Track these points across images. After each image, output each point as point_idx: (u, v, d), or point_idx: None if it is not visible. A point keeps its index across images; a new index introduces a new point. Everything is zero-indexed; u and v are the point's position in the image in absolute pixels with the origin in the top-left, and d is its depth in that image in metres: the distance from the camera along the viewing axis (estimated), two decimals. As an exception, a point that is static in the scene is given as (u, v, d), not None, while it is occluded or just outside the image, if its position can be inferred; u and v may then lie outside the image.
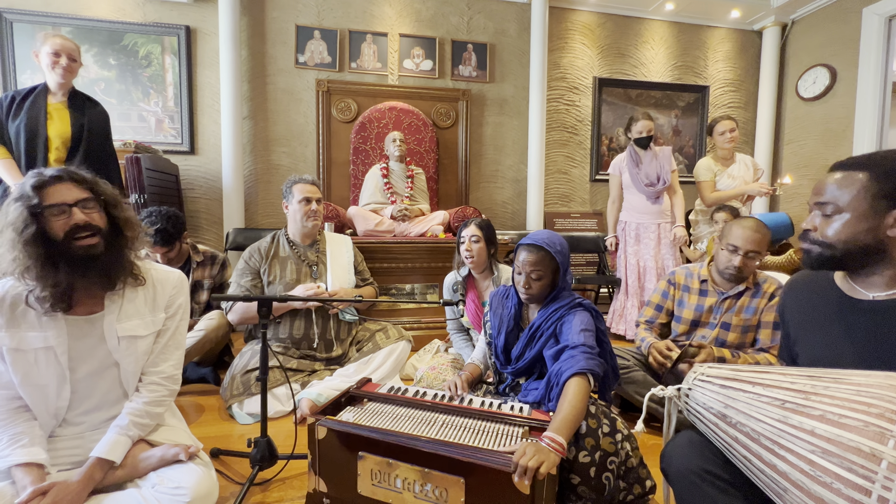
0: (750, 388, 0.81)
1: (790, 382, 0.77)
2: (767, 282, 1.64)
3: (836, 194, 0.83)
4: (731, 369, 0.88)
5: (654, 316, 1.82)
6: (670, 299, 1.80)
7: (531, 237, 1.32)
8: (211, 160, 3.36)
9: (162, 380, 1.16)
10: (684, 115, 4.16)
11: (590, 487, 1.04)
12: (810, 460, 0.66)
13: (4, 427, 0.99)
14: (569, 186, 4.03)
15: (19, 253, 0.95)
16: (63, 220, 0.98)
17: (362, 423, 1.10)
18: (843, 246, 0.83)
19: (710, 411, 0.86)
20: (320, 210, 1.98)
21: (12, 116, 2.02)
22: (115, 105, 3.19)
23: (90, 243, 1.00)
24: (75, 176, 1.02)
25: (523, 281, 1.30)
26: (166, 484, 1.00)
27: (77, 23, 3.07)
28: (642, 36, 4.01)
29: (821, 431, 0.67)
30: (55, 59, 2.02)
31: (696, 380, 0.92)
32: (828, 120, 3.82)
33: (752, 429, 0.76)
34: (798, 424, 0.70)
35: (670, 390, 0.96)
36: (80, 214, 0.99)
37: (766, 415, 0.75)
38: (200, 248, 2.22)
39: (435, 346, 2.30)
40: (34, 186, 0.97)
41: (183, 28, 3.21)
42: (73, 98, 2.12)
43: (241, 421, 1.71)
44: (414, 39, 3.59)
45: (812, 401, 0.71)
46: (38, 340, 1.02)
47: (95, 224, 1.01)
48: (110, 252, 1.04)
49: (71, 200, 0.99)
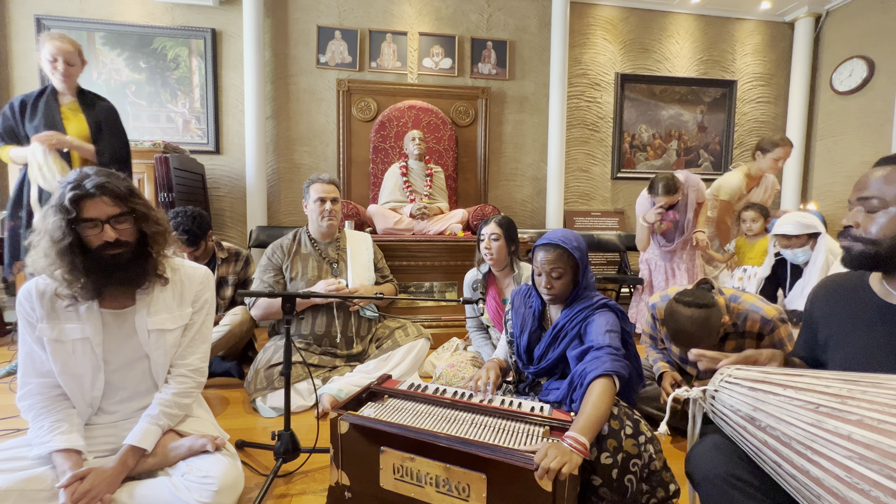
0: (781, 391, 0.78)
1: (825, 386, 0.74)
2: (749, 319, 1.44)
3: (883, 189, 0.80)
4: (760, 371, 0.86)
5: (653, 343, 1.74)
6: (658, 332, 1.69)
7: (546, 237, 1.30)
8: (235, 159, 3.44)
9: (189, 372, 1.20)
10: (710, 111, 4.04)
11: (612, 489, 1.03)
12: (846, 466, 0.64)
13: (46, 414, 1.04)
14: (589, 184, 3.97)
15: (54, 258, 1.00)
16: (96, 234, 1.03)
17: (383, 418, 1.11)
18: (889, 242, 0.80)
19: (737, 414, 0.84)
20: (336, 209, 1.99)
21: (28, 117, 2.03)
22: (145, 107, 3.30)
23: (117, 252, 1.05)
24: (114, 191, 1.04)
25: (545, 281, 1.28)
26: (195, 473, 1.04)
27: (110, 28, 3.19)
28: (667, 30, 3.91)
29: (858, 437, 0.64)
30: (53, 64, 2.01)
31: (723, 381, 0.89)
32: (865, 114, 3.65)
33: (784, 432, 0.74)
34: (833, 429, 0.67)
35: (695, 392, 0.94)
36: (111, 232, 1.03)
37: (799, 419, 0.72)
38: (225, 245, 2.27)
39: (454, 345, 2.30)
40: (72, 200, 1.00)
41: (209, 31, 3.30)
42: (83, 97, 2.13)
43: (265, 414, 1.75)
44: (433, 38, 3.60)
45: (849, 405, 0.68)
46: (75, 332, 1.07)
47: (124, 239, 1.06)
48: (135, 261, 1.08)
49: (104, 217, 1.03)
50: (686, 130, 4.03)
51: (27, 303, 1.06)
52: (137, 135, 3.25)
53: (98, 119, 2.12)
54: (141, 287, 1.12)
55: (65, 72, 2.03)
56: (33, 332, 1.06)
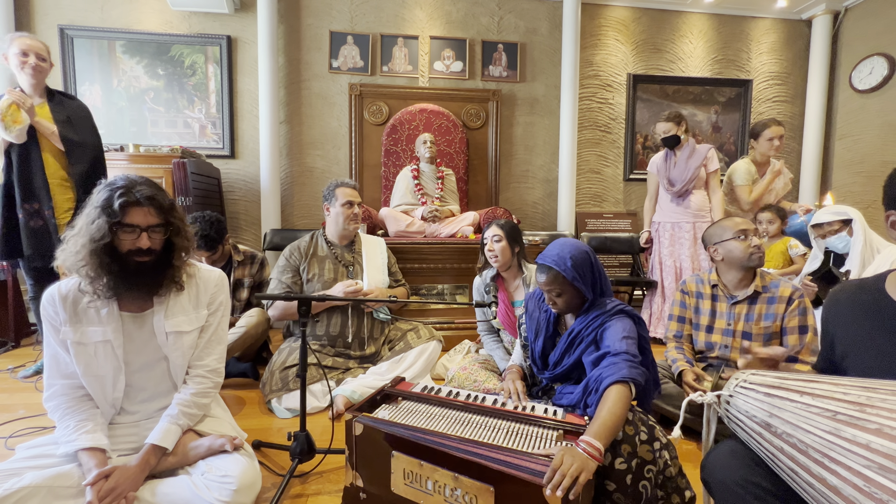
0: (798, 397, 0.77)
1: (843, 393, 0.73)
2: (781, 286, 1.58)
3: None
4: (776, 377, 0.85)
5: (680, 329, 1.77)
6: (688, 308, 1.76)
7: (543, 255, 1.29)
8: (250, 164, 3.50)
9: (207, 372, 1.23)
10: (725, 111, 3.98)
11: (626, 495, 1.02)
12: (865, 476, 0.63)
13: (71, 414, 1.08)
14: (601, 186, 3.94)
15: (85, 255, 1.04)
16: (131, 240, 1.07)
17: (398, 421, 1.12)
18: None
19: (752, 420, 0.83)
20: (360, 213, 2.04)
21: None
22: (163, 113, 3.38)
23: (143, 259, 1.09)
24: (160, 204, 1.09)
25: (547, 299, 1.30)
26: (214, 472, 1.06)
27: (130, 36, 3.28)
28: (679, 30, 3.88)
29: (877, 446, 0.63)
30: (24, 58, 1.99)
31: (738, 387, 0.88)
32: (886, 113, 3.57)
33: (800, 440, 0.73)
34: (852, 438, 0.66)
35: (710, 396, 0.93)
36: (146, 240, 1.07)
37: (816, 426, 0.71)
38: (241, 249, 2.32)
39: (465, 347, 2.31)
40: (122, 206, 1.04)
41: (224, 38, 3.36)
42: (51, 96, 2.11)
43: (280, 415, 1.78)
44: (444, 41, 3.62)
45: (868, 413, 0.67)
46: (97, 335, 1.10)
47: (154, 248, 1.10)
48: (157, 268, 1.12)
49: (144, 225, 1.07)
50: (700, 131, 3.98)
51: (51, 307, 1.09)
52: (156, 140, 3.33)
53: (65, 116, 2.08)
54: (158, 293, 1.15)
55: (35, 66, 2.01)
56: (57, 335, 1.09)
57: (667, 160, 2.86)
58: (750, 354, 1.05)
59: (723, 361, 1.66)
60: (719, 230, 1.66)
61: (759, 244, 1.58)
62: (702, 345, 1.71)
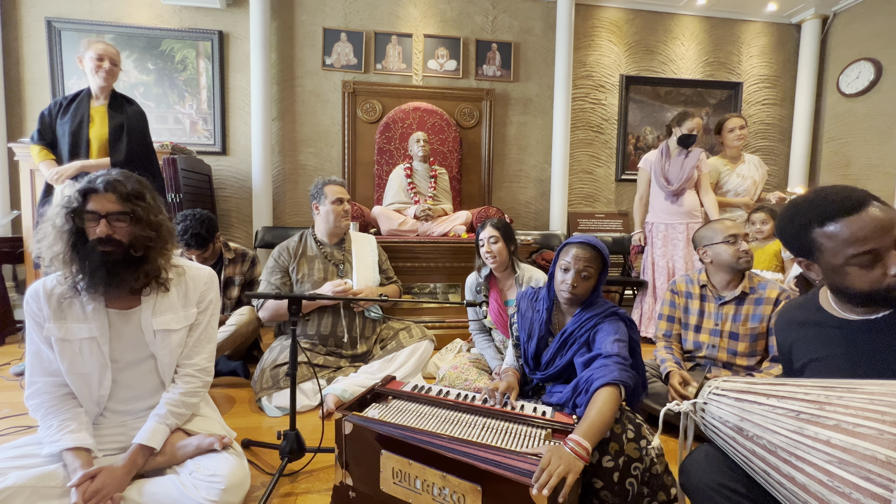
0: (764, 399, 0.79)
1: (804, 393, 0.75)
2: (768, 287, 1.61)
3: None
4: (745, 382, 0.87)
5: (669, 328, 1.80)
6: (678, 308, 1.79)
7: (580, 237, 1.32)
8: (241, 160, 3.47)
9: (196, 371, 1.22)
10: (715, 113, 4.03)
11: (613, 493, 1.04)
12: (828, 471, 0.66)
13: (54, 413, 1.06)
14: (593, 186, 3.97)
15: (51, 242, 1.04)
16: (92, 227, 1.05)
17: (387, 420, 1.12)
18: None
19: (726, 425, 0.85)
20: (350, 210, 2.03)
21: (59, 120, 2.15)
22: (153, 108, 3.33)
23: (107, 250, 1.05)
24: (121, 189, 1.06)
25: (572, 278, 1.27)
26: (202, 471, 1.06)
27: (119, 30, 3.23)
28: (672, 32, 3.91)
29: (836, 441, 0.66)
30: (98, 63, 2.13)
31: (710, 394, 0.90)
32: (872, 117, 3.63)
33: (769, 441, 0.75)
34: (814, 435, 0.69)
35: (685, 405, 0.94)
36: (104, 227, 1.04)
37: (782, 426, 0.74)
38: (232, 246, 2.30)
39: (457, 346, 2.31)
40: (81, 192, 1.05)
41: (216, 33, 3.33)
42: (113, 100, 2.23)
43: (270, 413, 1.77)
44: (438, 40, 3.61)
45: (826, 411, 0.70)
46: (82, 331, 1.08)
47: (116, 238, 1.06)
48: (125, 263, 1.07)
49: (103, 212, 1.04)
50: (691, 132, 4.02)
51: (34, 303, 1.07)
52: (145, 136, 3.29)
53: (120, 122, 2.20)
54: (131, 291, 1.12)
55: (109, 70, 2.16)
56: (41, 331, 1.07)
57: (662, 158, 2.87)
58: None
59: (710, 361, 1.69)
60: (710, 233, 1.68)
61: (747, 249, 1.60)
62: (690, 344, 1.74)
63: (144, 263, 1.10)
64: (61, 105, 2.17)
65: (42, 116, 2.16)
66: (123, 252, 1.06)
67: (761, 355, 1.63)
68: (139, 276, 1.10)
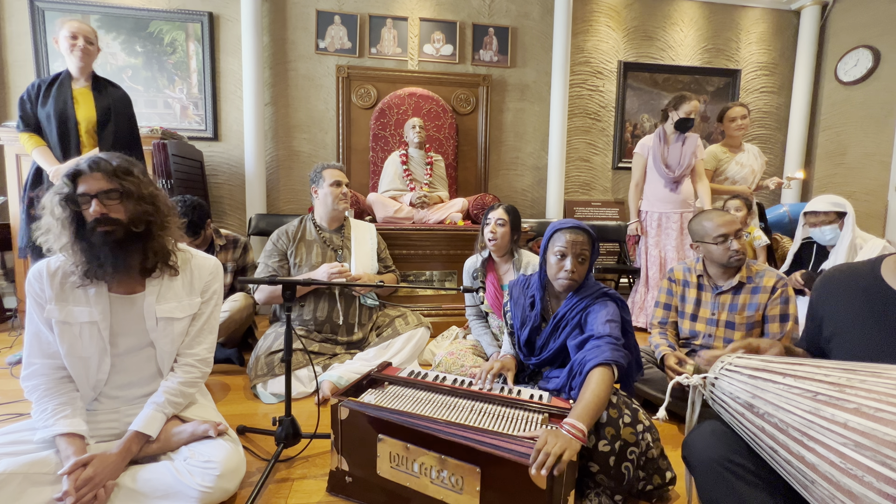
0: (781, 378, 0.79)
1: (824, 375, 0.75)
2: (766, 276, 1.61)
3: None
4: (761, 360, 0.87)
5: (665, 316, 1.80)
6: (674, 296, 1.79)
7: (569, 221, 1.32)
8: (234, 146, 3.41)
9: (196, 362, 1.21)
10: (714, 101, 4.00)
11: (609, 476, 1.04)
12: (841, 453, 0.65)
13: (50, 396, 1.05)
14: (590, 174, 3.95)
15: (53, 229, 1.04)
16: (87, 209, 1.04)
17: (384, 405, 1.12)
18: None
19: (736, 401, 0.85)
20: (349, 193, 2.02)
21: (41, 103, 2.07)
22: (142, 92, 3.25)
23: (107, 230, 1.04)
24: (106, 167, 1.05)
25: (570, 264, 1.26)
26: (197, 458, 1.05)
27: (105, 10, 3.13)
28: (671, 18, 3.86)
29: (854, 424, 0.65)
30: (73, 41, 2.05)
31: (723, 369, 0.90)
32: (869, 105, 3.63)
33: (781, 419, 0.75)
34: (830, 417, 0.68)
35: (695, 379, 0.95)
36: (98, 207, 1.03)
37: (797, 406, 0.73)
38: (223, 233, 2.27)
39: (453, 333, 2.31)
40: (69, 176, 1.04)
41: (206, 14, 3.24)
42: (96, 83, 2.16)
43: (266, 400, 1.76)
44: (434, 24, 3.54)
45: (847, 394, 0.69)
46: (83, 315, 1.07)
47: (113, 217, 1.04)
48: (128, 242, 1.06)
49: (93, 192, 1.03)
50: (688, 120, 3.99)
51: (37, 283, 1.06)
52: (135, 121, 3.22)
53: (107, 104, 2.14)
54: (137, 272, 1.11)
55: (84, 49, 2.08)
56: (42, 312, 1.06)
57: (661, 143, 2.82)
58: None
59: (706, 349, 1.69)
60: (702, 229, 1.65)
61: (738, 248, 1.58)
62: (686, 332, 1.74)
63: (150, 240, 1.10)
64: (40, 88, 2.08)
65: (22, 101, 2.08)
66: (124, 230, 1.06)
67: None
68: (147, 255, 1.10)
